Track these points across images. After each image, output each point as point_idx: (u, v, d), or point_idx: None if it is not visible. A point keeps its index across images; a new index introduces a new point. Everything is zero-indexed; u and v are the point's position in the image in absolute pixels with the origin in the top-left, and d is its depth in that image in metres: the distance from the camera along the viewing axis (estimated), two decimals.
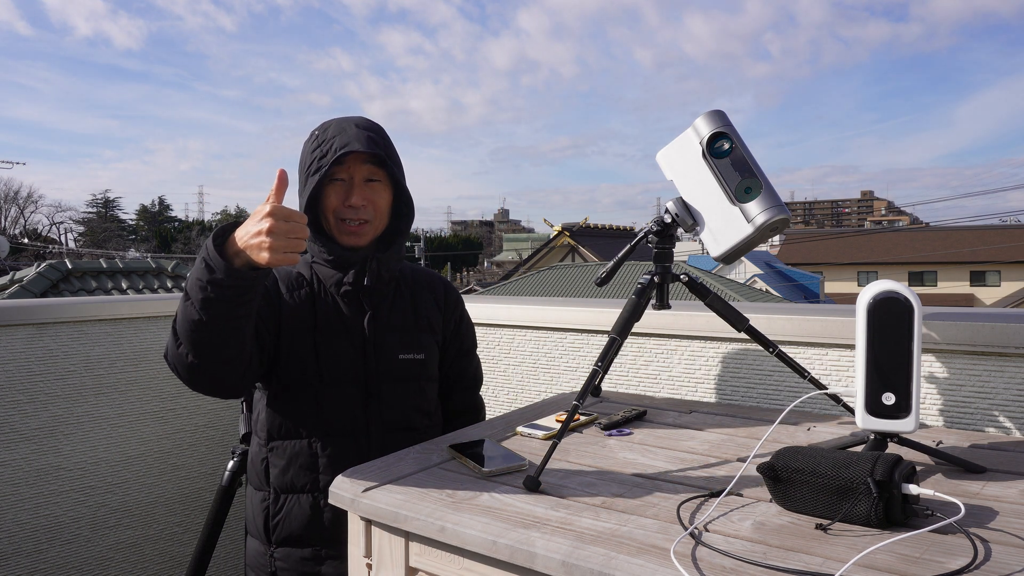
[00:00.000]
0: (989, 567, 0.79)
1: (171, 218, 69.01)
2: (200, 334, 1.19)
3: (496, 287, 18.29)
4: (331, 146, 1.42)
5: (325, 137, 1.44)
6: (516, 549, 0.91)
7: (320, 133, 1.46)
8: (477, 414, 1.68)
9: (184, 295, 1.19)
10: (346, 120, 1.47)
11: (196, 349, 1.21)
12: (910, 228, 50.28)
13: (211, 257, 1.13)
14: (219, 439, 2.57)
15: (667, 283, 1.41)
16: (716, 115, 1.29)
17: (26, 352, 2.13)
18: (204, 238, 38.42)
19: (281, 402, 1.44)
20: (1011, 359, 1.42)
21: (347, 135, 1.43)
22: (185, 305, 1.19)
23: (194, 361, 1.23)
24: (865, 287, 1.09)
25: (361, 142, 1.42)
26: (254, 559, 1.47)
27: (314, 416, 1.42)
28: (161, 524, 2.41)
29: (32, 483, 2.13)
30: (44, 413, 2.15)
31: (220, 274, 1.12)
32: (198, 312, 1.16)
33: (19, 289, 6.61)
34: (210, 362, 1.24)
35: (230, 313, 1.17)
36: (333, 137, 1.43)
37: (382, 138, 1.48)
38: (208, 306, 1.15)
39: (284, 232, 1.08)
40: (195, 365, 1.24)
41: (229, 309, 1.17)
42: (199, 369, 1.24)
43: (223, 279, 1.12)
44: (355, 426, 1.43)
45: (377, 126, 1.50)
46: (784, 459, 0.97)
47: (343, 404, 1.43)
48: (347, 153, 1.41)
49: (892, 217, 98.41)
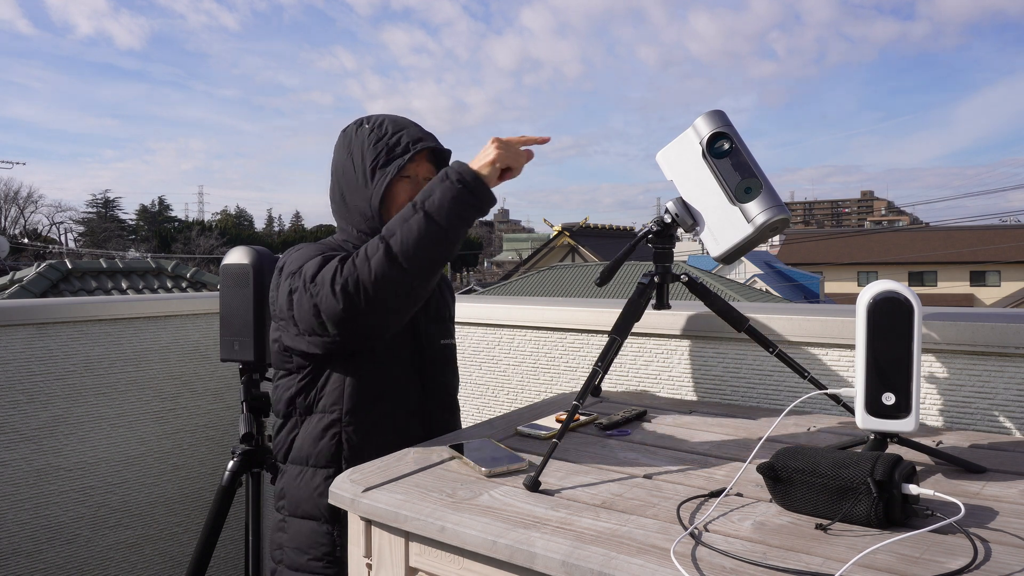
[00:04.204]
0: (989, 567, 0.79)
1: (171, 218, 68.95)
2: (439, 252, 1.26)
3: (496, 287, 18.30)
4: (399, 140, 1.43)
5: (387, 131, 1.44)
6: (516, 549, 0.91)
7: (376, 128, 1.45)
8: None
9: (423, 219, 1.24)
10: (398, 116, 1.49)
11: (426, 275, 1.27)
12: (910, 228, 50.28)
13: (466, 174, 1.26)
14: (219, 439, 2.57)
15: (667, 283, 1.41)
16: (716, 115, 1.29)
17: (26, 352, 2.13)
18: (204, 238, 38.00)
19: (367, 378, 1.43)
20: (1011, 359, 1.42)
21: (414, 130, 1.46)
22: (427, 228, 1.24)
23: (419, 289, 1.28)
24: (865, 287, 1.09)
25: (432, 138, 1.45)
26: (310, 539, 1.42)
27: (392, 394, 1.44)
28: (161, 524, 2.41)
29: (32, 483, 2.13)
30: (44, 413, 2.15)
31: (472, 184, 1.26)
32: (444, 231, 1.25)
33: (19, 289, 6.61)
34: (426, 288, 1.30)
35: (462, 236, 1.29)
36: (399, 131, 1.44)
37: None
38: (458, 225, 1.26)
39: (505, 144, 1.31)
40: (416, 294, 1.28)
41: (465, 228, 1.28)
42: (415, 298, 1.29)
43: (475, 186, 1.26)
44: (420, 407, 1.47)
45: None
46: (784, 459, 0.98)
47: (408, 385, 1.46)
48: (423, 148, 1.43)
49: (892, 217, 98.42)
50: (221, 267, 1.94)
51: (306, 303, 1.29)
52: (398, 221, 1.27)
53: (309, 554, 1.41)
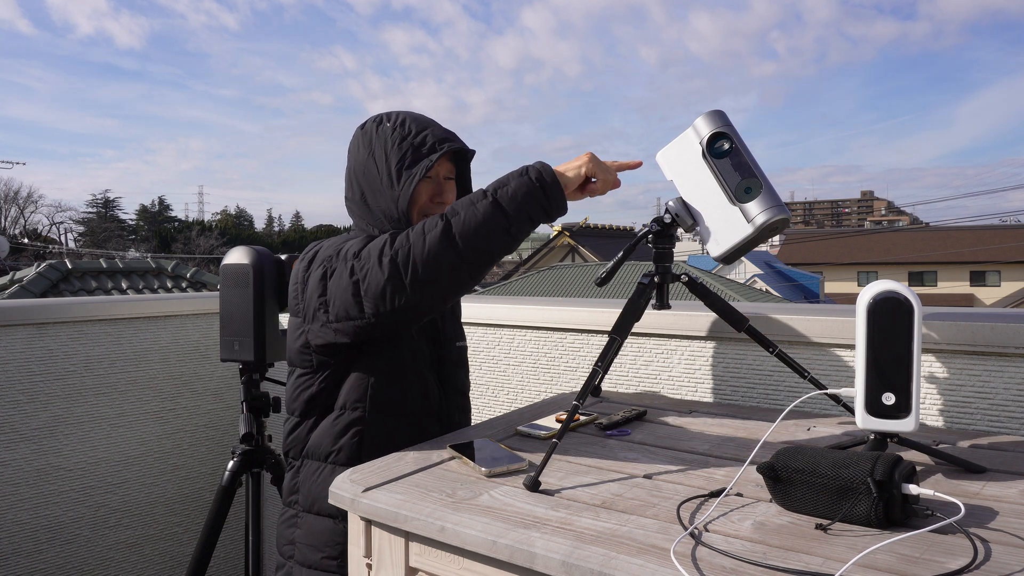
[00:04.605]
0: (989, 567, 0.79)
1: (171, 218, 68.96)
2: (498, 244, 1.24)
3: (496, 287, 18.30)
4: (424, 139, 1.40)
5: (411, 130, 1.41)
6: (516, 549, 0.91)
7: (399, 127, 1.42)
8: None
9: (491, 206, 1.22)
10: (417, 114, 1.46)
11: (479, 264, 1.24)
12: (910, 228, 50.30)
13: (546, 174, 1.24)
14: (219, 439, 2.57)
15: (667, 283, 1.41)
16: (716, 115, 1.29)
17: (26, 352, 2.13)
18: (204, 238, 37.72)
19: (390, 377, 1.42)
20: (1011, 359, 1.42)
21: (438, 129, 1.43)
22: (493, 216, 1.22)
23: (466, 279, 1.26)
24: (865, 287, 1.09)
25: (456, 138, 1.43)
26: (325, 537, 1.41)
27: (413, 394, 1.43)
28: (161, 524, 2.42)
29: (32, 483, 2.13)
30: (44, 413, 2.15)
31: (549, 186, 1.24)
32: (508, 224, 1.23)
33: (19, 289, 6.61)
34: (475, 280, 1.28)
35: (524, 234, 1.27)
36: (423, 131, 1.41)
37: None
38: (523, 221, 1.24)
39: (597, 160, 1.31)
40: (462, 283, 1.26)
41: (530, 228, 1.26)
42: (459, 287, 1.27)
43: (551, 188, 1.24)
44: (438, 407, 1.47)
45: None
46: (784, 459, 0.98)
47: (428, 385, 1.45)
48: (451, 149, 1.41)
49: (892, 217, 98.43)
50: (221, 267, 1.94)
51: (344, 280, 1.26)
52: (465, 203, 1.24)
53: (323, 552, 1.40)
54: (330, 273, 1.30)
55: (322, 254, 1.34)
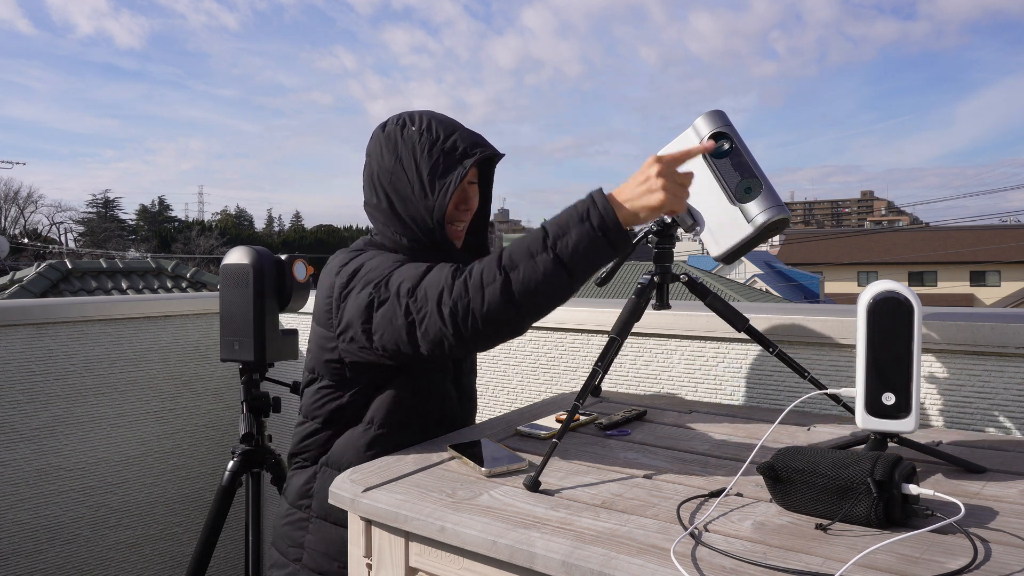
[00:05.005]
0: (989, 567, 0.79)
1: (171, 218, 68.95)
2: (559, 299, 1.15)
3: None
4: (454, 144, 1.35)
5: (439, 135, 1.36)
6: (516, 549, 0.91)
7: (425, 131, 1.36)
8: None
9: (551, 262, 1.11)
10: (440, 115, 1.41)
11: (538, 317, 1.17)
12: (910, 228, 50.30)
13: (608, 219, 1.10)
14: (219, 439, 2.57)
15: (667, 283, 1.41)
16: (716, 115, 1.29)
17: (26, 352, 2.13)
18: (204, 238, 36.88)
19: (421, 394, 1.40)
20: (1011, 359, 1.42)
21: (465, 133, 1.38)
22: (554, 273, 1.12)
23: (523, 328, 1.18)
24: (865, 287, 1.09)
25: (486, 143, 1.39)
26: (343, 546, 1.36)
27: (440, 409, 1.43)
28: (161, 524, 2.42)
29: (32, 483, 2.13)
30: (44, 413, 2.15)
31: (614, 235, 1.11)
32: (571, 280, 1.13)
33: (19, 289, 6.61)
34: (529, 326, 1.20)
35: (585, 282, 1.17)
36: (451, 135, 1.36)
37: None
38: (586, 273, 1.13)
39: (671, 174, 1.13)
40: (519, 331, 1.19)
41: (591, 275, 1.18)
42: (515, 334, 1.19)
43: (616, 237, 1.11)
44: (459, 418, 1.47)
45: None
46: (784, 459, 0.97)
47: (451, 398, 1.45)
48: (483, 156, 1.36)
49: (892, 217, 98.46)
50: (221, 267, 1.94)
51: (400, 320, 1.20)
52: (523, 253, 1.13)
53: (340, 561, 1.37)
54: (378, 303, 1.23)
55: (365, 275, 1.28)
